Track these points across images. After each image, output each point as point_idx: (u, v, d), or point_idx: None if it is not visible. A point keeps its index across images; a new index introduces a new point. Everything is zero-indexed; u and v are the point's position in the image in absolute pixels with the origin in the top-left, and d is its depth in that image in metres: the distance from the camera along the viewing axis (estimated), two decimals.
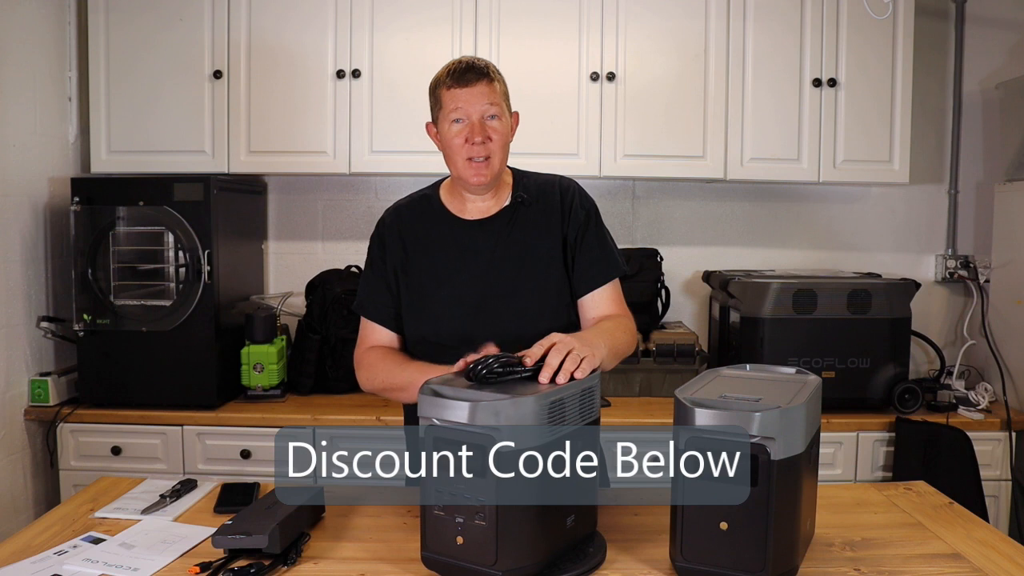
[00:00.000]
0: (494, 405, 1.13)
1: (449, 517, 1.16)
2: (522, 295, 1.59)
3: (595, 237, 1.64)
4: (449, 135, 1.56)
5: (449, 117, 1.55)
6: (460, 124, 1.55)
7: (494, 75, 1.56)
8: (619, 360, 1.53)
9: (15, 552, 1.30)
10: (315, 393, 2.70)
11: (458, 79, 1.53)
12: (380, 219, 1.70)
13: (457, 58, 1.59)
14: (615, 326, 1.56)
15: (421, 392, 1.19)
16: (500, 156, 1.58)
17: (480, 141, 1.53)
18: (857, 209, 3.06)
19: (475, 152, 1.54)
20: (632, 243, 3.00)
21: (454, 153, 1.57)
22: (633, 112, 2.67)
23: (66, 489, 2.48)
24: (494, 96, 1.55)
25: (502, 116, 1.57)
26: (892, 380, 2.53)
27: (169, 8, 2.64)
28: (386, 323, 1.65)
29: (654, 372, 2.67)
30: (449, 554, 1.17)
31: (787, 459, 1.15)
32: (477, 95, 1.53)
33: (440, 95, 1.56)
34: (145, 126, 2.67)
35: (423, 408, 1.18)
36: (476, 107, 1.53)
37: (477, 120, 1.54)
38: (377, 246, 1.67)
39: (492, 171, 1.57)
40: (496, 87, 1.56)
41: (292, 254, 3.03)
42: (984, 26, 2.99)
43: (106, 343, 2.49)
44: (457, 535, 1.16)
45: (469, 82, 1.53)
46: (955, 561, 1.30)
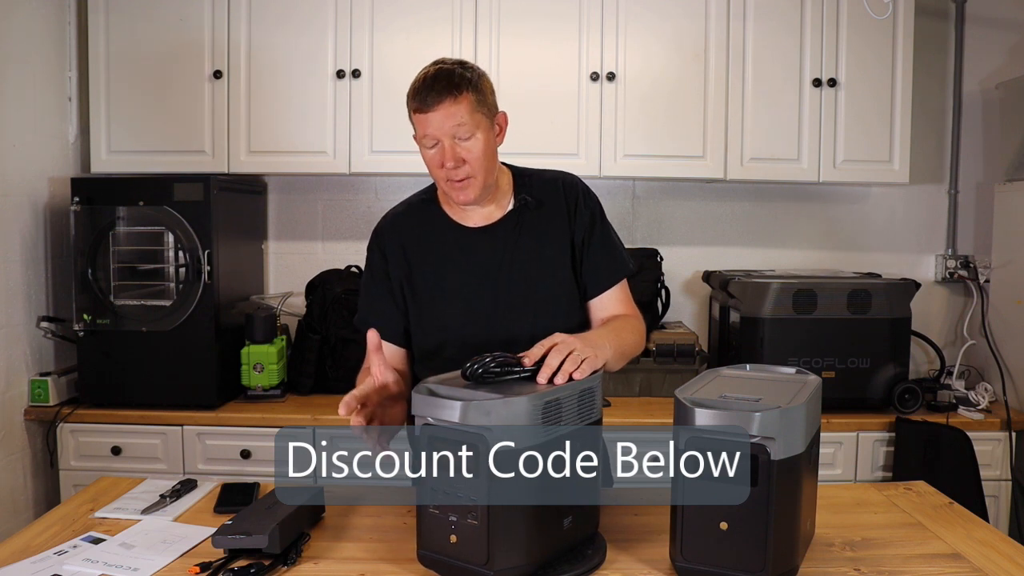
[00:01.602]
0: (486, 405, 1.13)
1: (443, 516, 1.17)
2: (534, 301, 1.55)
3: (602, 237, 1.61)
4: (426, 157, 1.50)
5: (422, 142, 1.49)
6: (433, 149, 1.47)
7: (462, 87, 1.44)
8: (627, 360, 1.51)
9: (15, 552, 1.30)
10: (315, 393, 2.70)
11: (422, 101, 1.44)
12: (376, 229, 1.63)
13: (427, 67, 1.50)
14: (622, 325, 1.53)
15: (416, 391, 1.19)
16: (482, 172, 1.49)
17: (451, 166, 1.46)
18: (857, 209, 3.06)
19: (452, 175, 1.47)
20: (632, 243, 3.00)
21: (434, 175, 1.52)
22: (633, 112, 2.67)
23: (66, 489, 2.48)
24: (461, 114, 1.43)
25: (476, 132, 1.46)
26: (892, 380, 2.53)
27: (169, 8, 2.64)
28: (392, 338, 1.59)
29: (654, 372, 2.67)
30: (444, 552, 1.18)
31: (787, 459, 1.15)
32: (442, 118, 1.43)
33: (411, 116, 1.49)
34: (145, 126, 2.68)
35: (417, 407, 1.18)
36: (442, 130, 1.44)
37: (448, 145, 1.45)
38: (378, 257, 1.61)
39: (476, 188, 1.50)
40: (463, 103, 1.44)
41: (292, 254, 3.03)
42: (984, 26, 2.99)
43: (106, 343, 2.49)
44: (451, 534, 1.16)
45: (431, 105, 1.43)
46: (955, 561, 1.30)
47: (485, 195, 1.54)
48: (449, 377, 1.25)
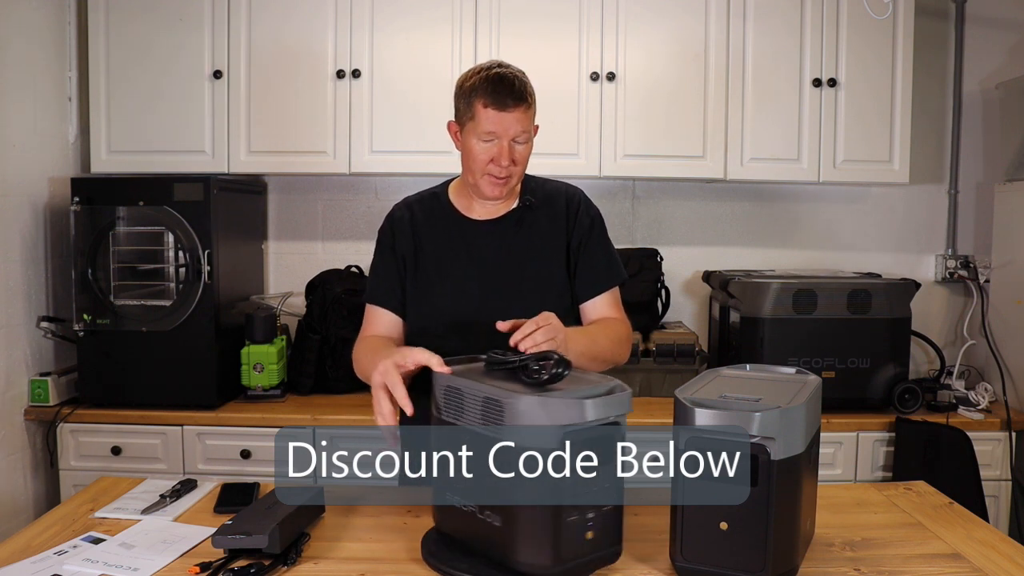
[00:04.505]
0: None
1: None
2: (523, 295, 1.61)
3: (599, 244, 1.68)
4: (475, 149, 1.56)
5: (481, 135, 1.55)
6: (489, 143, 1.55)
7: (530, 98, 1.56)
8: (599, 364, 1.55)
9: (15, 552, 1.30)
10: (315, 393, 2.70)
11: (497, 101, 1.52)
12: (390, 212, 1.72)
13: (497, 67, 1.56)
14: (600, 329, 1.60)
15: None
16: (520, 175, 1.61)
17: (507, 164, 1.55)
18: (857, 209, 3.06)
19: (498, 172, 1.57)
20: (632, 243, 3.00)
21: (476, 166, 1.58)
22: (633, 112, 2.67)
23: (66, 489, 2.48)
24: (527, 122, 1.55)
25: (530, 138, 1.58)
26: (892, 380, 2.53)
27: (169, 8, 2.64)
28: (394, 308, 1.66)
29: (654, 372, 2.67)
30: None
31: (787, 459, 1.15)
32: (513, 121, 1.53)
33: (474, 107, 1.54)
34: (145, 126, 2.67)
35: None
36: (509, 132, 1.54)
37: (507, 144, 1.54)
38: (388, 235, 1.69)
39: (509, 188, 1.61)
40: (530, 112, 1.56)
41: (292, 254, 3.03)
42: (984, 26, 2.99)
43: (106, 343, 2.49)
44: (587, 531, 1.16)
45: (508, 107, 1.52)
46: (955, 561, 1.30)
47: (510, 194, 1.64)
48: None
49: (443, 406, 1.25)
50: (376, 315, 1.68)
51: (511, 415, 1.13)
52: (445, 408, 1.25)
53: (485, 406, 1.16)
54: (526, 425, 1.11)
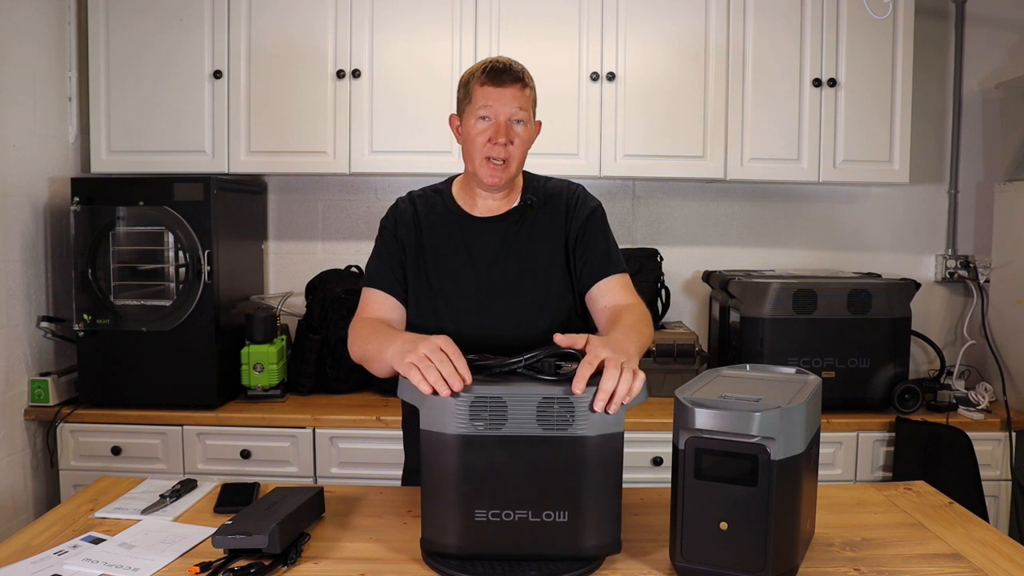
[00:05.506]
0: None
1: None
2: (522, 294, 1.60)
3: (599, 233, 1.65)
4: (473, 131, 1.57)
5: (477, 113, 1.56)
6: (486, 122, 1.56)
7: (528, 81, 1.58)
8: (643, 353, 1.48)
9: (15, 552, 1.30)
10: (315, 393, 2.70)
11: (493, 77, 1.55)
12: (394, 204, 1.71)
13: (495, 56, 1.61)
14: (636, 320, 1.49)
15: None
16: (518, 160, 1.60)
17: (503, 143, 1.55)
18: (857, 209, 3.06)
19: (495, 152, 1.56)
20: (632, 243, 3.00)
21: (474, 149, 1.58)
22: (633, 112, 2.67)
23: (66, 489, 2.48)
24: (524, 100, 1.56)
25: (528, 122, 1.59)
26: (892, 380, 2.53)
27: (169, 8, 2.64)
28: (395, 293, 1.62)
29: (654, 372, 2.67)
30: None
31: (787, 459, 1.15)
32: (508, 97, 1.55)
33: (472, 89, 1.57)
34: (145, 126, 2.67)
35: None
36: (505, 108, 1.55)
37: (504, 121, 1.55)
38: (391, 223, 1.68)
39: (508, 174, 1.59)
40: (528, 93, 1.58)
41: (292, 254, 3.03)
42: (984, 26, 2.99)
43: (106, 343, 2.49)
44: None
45: (503, 83, 1.54)
46: (955, 561, 1.30)
47: (508, 184, 1.63)
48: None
49: (471, 417, 1.18)
50: (376, 298, 1.62)
51: (580, 410, 1.17)
52: (474, 419, 1.18)
53: (542, 408, 1.17)
54: (597, 415, 1.17)
